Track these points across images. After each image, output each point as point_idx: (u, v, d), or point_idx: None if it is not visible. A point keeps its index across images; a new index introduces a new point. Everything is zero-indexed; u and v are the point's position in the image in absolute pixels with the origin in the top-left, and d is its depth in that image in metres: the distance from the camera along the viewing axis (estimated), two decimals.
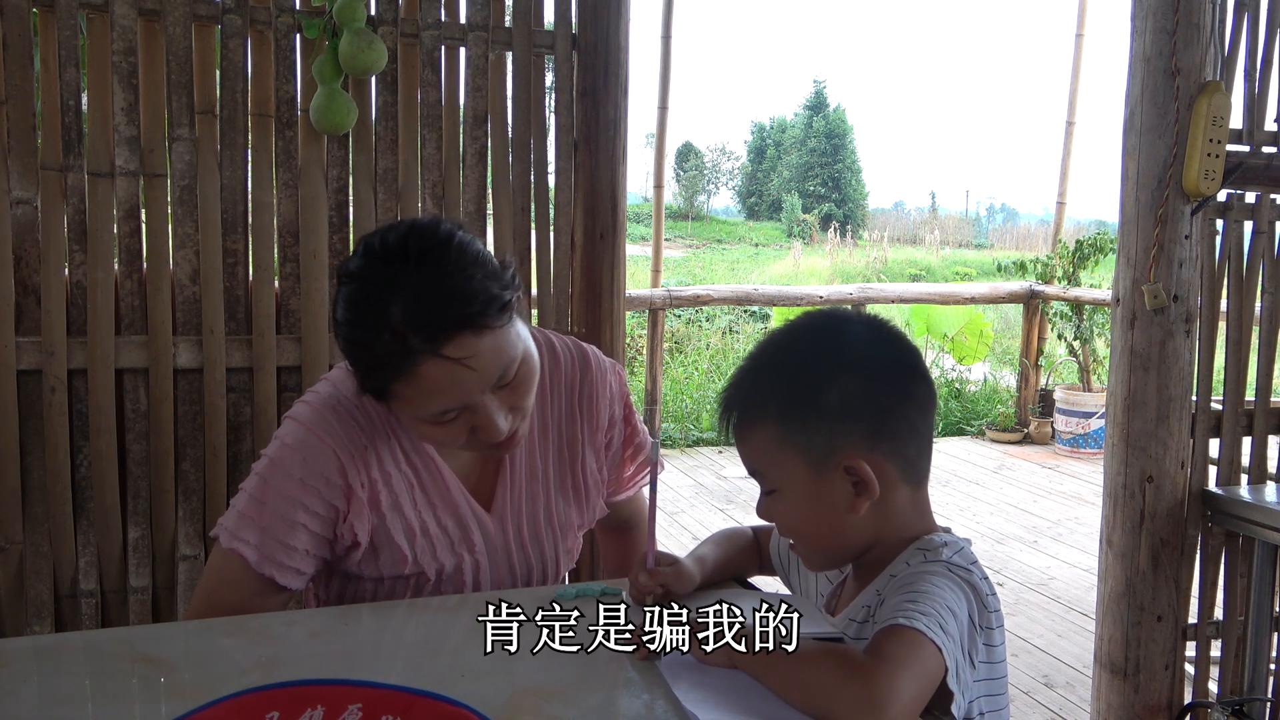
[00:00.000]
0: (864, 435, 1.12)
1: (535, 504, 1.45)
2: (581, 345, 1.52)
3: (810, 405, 1.12)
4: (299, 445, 1.30)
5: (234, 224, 1.92)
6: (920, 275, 18.42)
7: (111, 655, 1.14)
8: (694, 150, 44.60)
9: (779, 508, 1.17)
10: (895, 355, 1.16)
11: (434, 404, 1.21)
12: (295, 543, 1.29)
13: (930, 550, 1.13)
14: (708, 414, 7.14)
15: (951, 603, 1.05)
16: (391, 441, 1.35)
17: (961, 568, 1.11)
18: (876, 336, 1.16)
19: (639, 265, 8.74)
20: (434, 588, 1.38)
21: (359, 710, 0.90)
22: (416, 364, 1.18)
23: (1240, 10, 2.31)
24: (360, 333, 1.21)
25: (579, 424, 1.48)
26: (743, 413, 1.17)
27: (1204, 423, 2.38)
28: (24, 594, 1.84)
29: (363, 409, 1.34)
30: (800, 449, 1.12)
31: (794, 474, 1.14)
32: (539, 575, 1.46)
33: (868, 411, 1.12)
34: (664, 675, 1.07)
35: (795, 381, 1.14)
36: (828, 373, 1.12)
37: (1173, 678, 2.37)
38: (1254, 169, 2.33)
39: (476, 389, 1.22)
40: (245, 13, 1.89)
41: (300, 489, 1.29)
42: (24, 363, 1.80)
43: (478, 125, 2.07)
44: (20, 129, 1.79)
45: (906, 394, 1.15)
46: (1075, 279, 6.83)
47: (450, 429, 1.24)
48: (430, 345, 1.17)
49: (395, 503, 1.34)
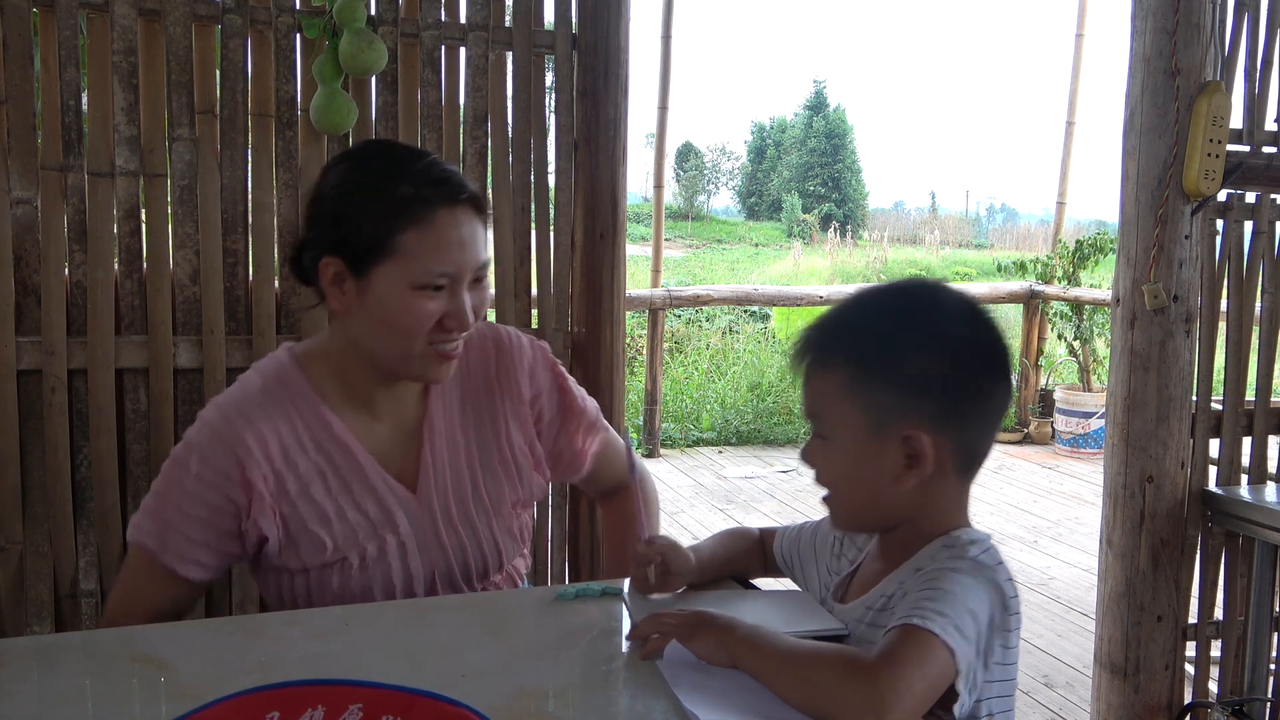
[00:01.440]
0: (932, 413, 1.10)
1: (461, 481, 1.46)
2: (495, 325, 1.56)
3: (887, 366, 1.11)
4: (198, 444, 1.34)
5: (234, 224, 1.92)
6: (920, 275, 18.39)
7: (111, 655, 1.14)
8: (694, 150, 44.58)
9: (825, 455, 1.16)
10: (988, 347, 1.14)
11: (435, 260, 1.29)
12: (193, 534, 1.33)
13: (957, 546, 1.12)
14: (708, 414, 7.14)
15: (973, 603, 1.04)
16: (299, 429, 1.37)
17: (988, 566, 1.10)
18: (975, 321, 1.14)
19: (639, 265, 8.73)
20: (360, 572, 1.38)
21: (359, 710, 0.90)
22: (433, 212, 1.29)
23: (1240, 10, 2.31)
24: (376, 183, 1.30)
25: (498, 398, 1.50)
26: (819, 354, 1.15)
27: (1204, 423, 2.38)
28: (24, 594, 1.84)
29: (273, 398, 1.37)
30: (863, 405, 1.11)
31: (851, 426, 1.12)
32: (475, 553, 1.46)
33: (942, 391, 1.10)
34: (664, 675, 1.07)
35: (880, 340, 1.12)
36: (916, 341, 1.11)
37: (1173, 678, 2.37)
38: (1254, 169, 2.33)
39: (467, 264, 1.31)
40: (245, 13, 1.89)
41: (197, 483, 1.32)
42: (24, 363, 1.80)
43: (478, 125, 2.08)
44: (20, 129, 1.79)
45: (985, 387, 1.13)
46: (1075, 279, 6.83)
47: (428, 306, 1.30)
48: (447, 199, 1.30)
49: (305, 490, 1.36)
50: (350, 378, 1.40)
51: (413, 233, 1.28)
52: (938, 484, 1.13)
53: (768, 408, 7.20)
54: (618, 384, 2.17)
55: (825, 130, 41.84)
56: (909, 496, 1.13)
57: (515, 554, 1.52)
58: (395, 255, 1.28)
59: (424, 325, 1.31)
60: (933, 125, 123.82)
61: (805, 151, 41.92)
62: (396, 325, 1.31)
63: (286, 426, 1.36)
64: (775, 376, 7.48)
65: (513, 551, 1.51)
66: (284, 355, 1.42)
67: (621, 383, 2.20)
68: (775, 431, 7.07)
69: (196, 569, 1.34)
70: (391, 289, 1.30)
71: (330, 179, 1.36)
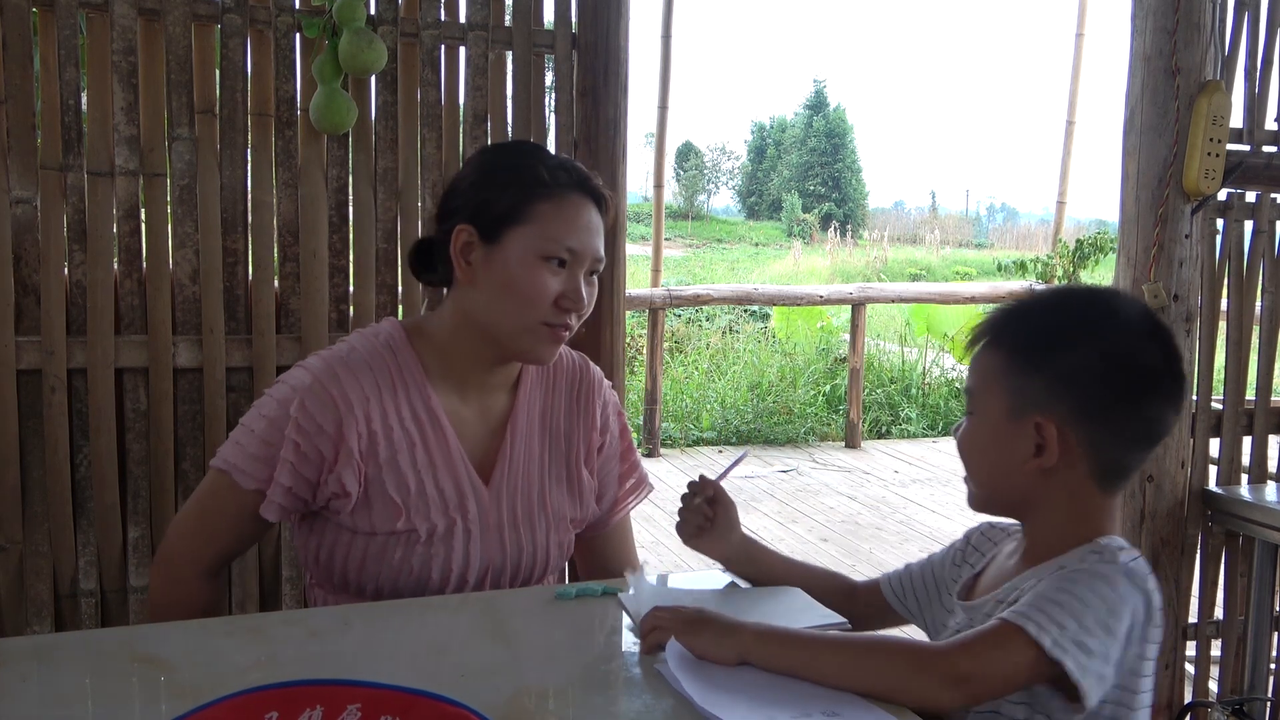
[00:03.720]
0: (1071, 408, 1.13)
1: (531, 486, 1.48)
2: (584, 356, 1.63)
3: (1038, 356, 1.15)
4: (301, 389, 1.37)
5: (234, 224, 1.92)
6: (920, 275, 18.40)
7: (111, 655, 1.14)
8: (694, 150, 44.57)
9: (970, 429, 1.21)
10: (1151, 366, 1.15)
11: (565, 233, 1.37)
12: (281, 478, 1.35)
13: (1107, 552, 1.13)
14: (708, 414, 7.14)
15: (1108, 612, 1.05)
16: (400, 398, 1.40)
17: (1139, 575, 1.11)
18: (1146, 339, 1.15)
19: (639, 265, 8.75)
20: (424, 547, 1.39)
21: (358, 710, 0.90)
22: (567, 193, 1.39)
23: (1240, 10, 2.31)
24: (517, 162, 1.41)
25: (576, 418, 1.55)
26: (992, 336, 1.20)
27: (1204, 422, 2.38)
28: (24, 594, 1.84)
29: (380, 363, 1.41)
30: (1010, 388, 1.16)
31: (994, 406, 1.17)
32: (529, 559, 1.47)
33: (1083, 390, 1.13)
34: (669, 676, 1.07)
35: (1040, 330, 1.17)
36: (1072, 338, 1.14)
37: (1173, 677, 2.37)
38: (1254, 168, 2.33)
39: (589, 249, 1.39)
40: (245, 12, 1.89)
41: (294, 429, 1.35)
42: (24, 362, 1.80)
43: (478, 125, 2.07)
44: (20, 128, 1.79)
45: (1137, 402, 1.15)
46: (1075, 278, 6.83)
47: (550, 280, 1.36)
48: (580, 187, 1.41)
49: (393, 458, 1.38)
50: (453, 357, 1.45)
51: (548, 204, 1.37)
52: (1065, 481, 1.15)
53: (768, 408, 7.20)
54: (618, 384, 2.17)
55: (825, 130, 41.82)
56: (1035, 485, 1.16)
57: (557, 567, 1.54)
58: (529, 221, 1.37)
59: (544, 298, 1.37)
60: (933, 125, 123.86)
61: (805, 151, 41.90)
62: (519, 292, 1.37)
63: (389, 392, 1.40)
64: (775, 376, 7.49)
65: (557, 564, 1.53)
66: (393, 326, 1.47)
67: (621, 382, 2.20)
68: (775, 431, 7.07)
69: (273, 509, 1.37)
70: (520, 253, 1.37)
71: (472, 164, 1.46)
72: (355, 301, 1.99)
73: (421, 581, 1.40)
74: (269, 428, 1.37)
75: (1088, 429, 1.14)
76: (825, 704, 1.00)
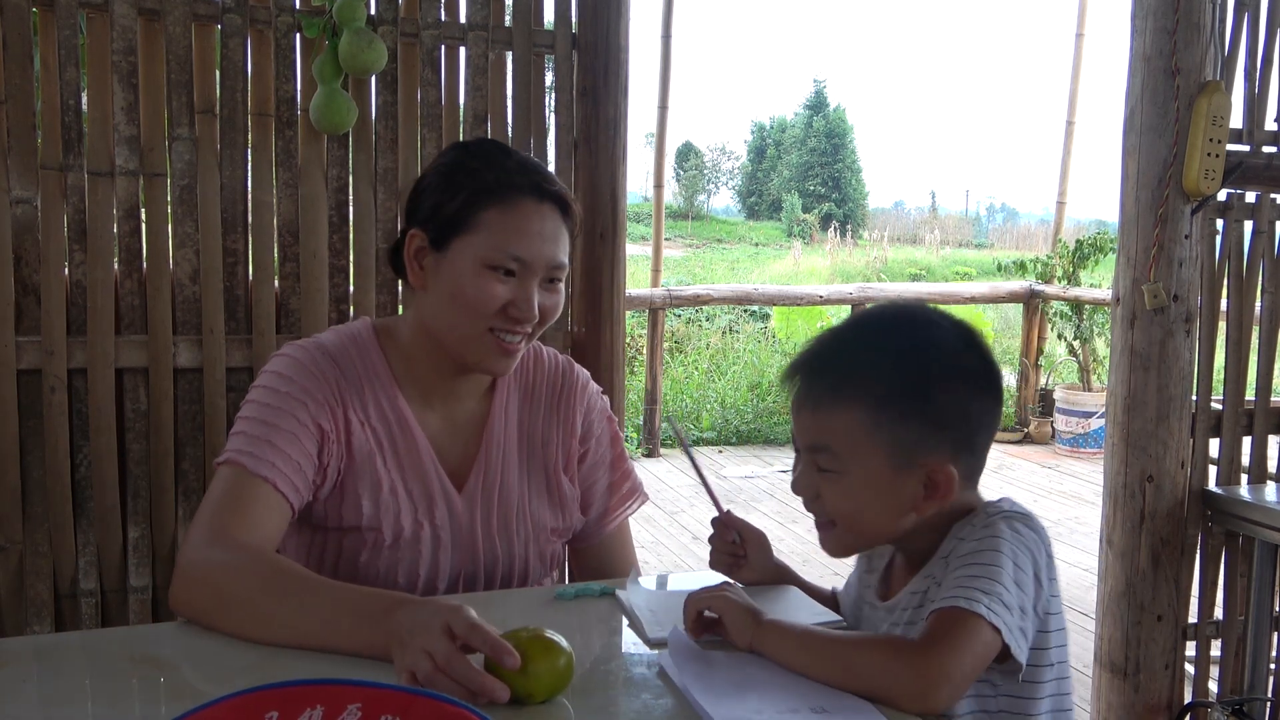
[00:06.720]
0: (952, 444, 1.13)
1: (509, 494, 1.46)
2: (571, 359, 1.59)
3: (916, 403, 1.11)
4: (288, 368, 1.36)
5: (234, 224, 1.92)
6: (920, 275, 18.41)
7: (111, 655, 1.14)
8: (694, 150, 44.56)
9: (835, 489, 1.15)
10: (989, 371, 1.17)
11: (511, 241, 1.33)
12: (289, 449, 1.31)
13: (981, 517, 1.13)
14: (708, 414, 7.14)
15: (1015, 567, 1.06)
16: (368, 397, 1.39)
17: (1018, 515, 1.12)
18: (973, 347, 1.17)
19: (639, 265, 8.73)
20: (390, 551, 1.38)
21: (358, 710, 0.90)
22: (518, 198, 1.35)
23: (1240, 10, 2.31)
24: (474, 164, 1.37)
25: (555, 426, 1.52)
26: (833, 387, 1.14)
27: (1204, 422, 2.38)
28: (24, 594, 1.84)
29: (347, 360, 1.39)
30: (887, 442, 1.11)
31: (870, 463, 1.12)
32: (505, 568, 1.45)
33: (962, 423, 1.13)
34: (672, 673, 1.07)
35: (906, 375, 1.12)
36: (939, 376, 1.12)
37: (1173, 677, 2.37)
38: (1254, 169, 2.33)
39: (541, 256, 1.35)
40: (245, 12, 1.89)
41: (293, 402, 1.33)
42: (24, 362, 1.80)
43: (478, 125, 2.07)
44: (20, 128, 1.79)
45: (992, 412, 1.17)
46: (1075, 279, 6.83)
47: (496, 288, 1.33)
48: (534, 191, 1.36)
49: (366, 452, 1.37)
50: (417, 362, 1.43)
51: (495, 211, 1.34)
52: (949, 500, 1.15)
53: (768, 407, 7.21)
54: (618, 384, 2.17)
55: (825, 130, 41.81)
56: (920, 516, 1.15)
57: (542, 576, 1.52)
58: (475, 230, 1.34)
59: (489, 307, 1.33)
60: (933, 125, 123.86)
61: (805, 151, 41.89)
62: (462, 301, 1.34)
63: (355, 390, 1.39)
64: (775, 376, 7.48)
65: (540, 574, 1.51)
66: (364, 327, 1.45)
67: (621, 382, 2.20)
68: (775, 431, 7.07)
69: (291, 489, 1.31)
70: (465, 263, 1.33)
71: (434, 164, 1.44)
72: (355, 301, 1.99)
73: (388, 586, 1.36)
74: (267, 411, 1.34)
75: (968, 455, 1.15)
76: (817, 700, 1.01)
